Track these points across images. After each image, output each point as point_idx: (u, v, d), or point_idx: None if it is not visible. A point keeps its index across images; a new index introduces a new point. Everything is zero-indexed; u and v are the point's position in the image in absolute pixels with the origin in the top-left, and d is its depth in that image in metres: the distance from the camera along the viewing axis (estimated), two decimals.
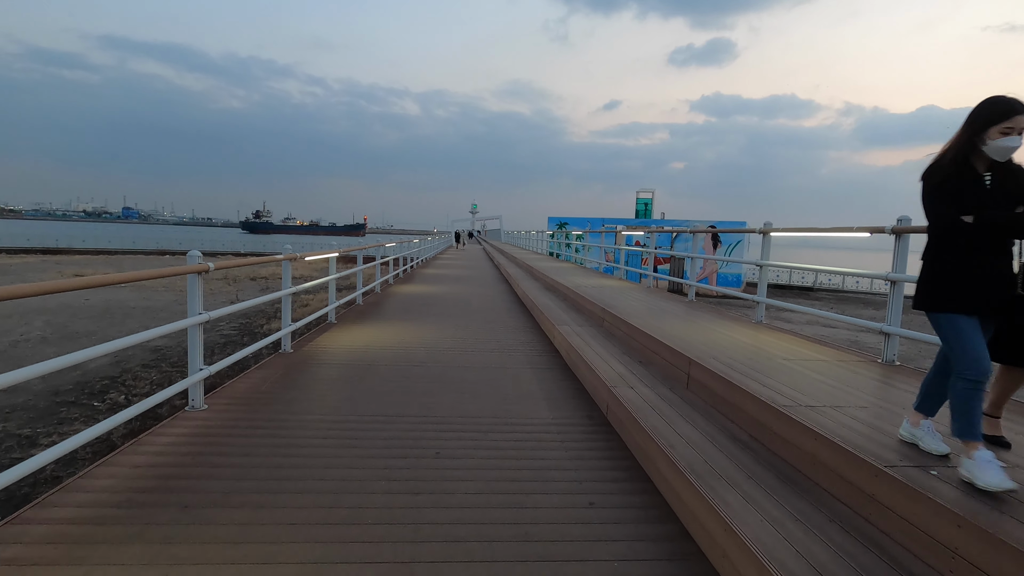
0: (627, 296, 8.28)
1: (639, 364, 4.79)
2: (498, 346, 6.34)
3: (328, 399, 4.19)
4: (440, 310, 8.98)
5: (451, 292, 11.67)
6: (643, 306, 7.07)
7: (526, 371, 5.26)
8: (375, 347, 6.04)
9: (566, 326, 6.53)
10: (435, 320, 7.97)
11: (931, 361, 2.51)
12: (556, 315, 7.39)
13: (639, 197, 44.23)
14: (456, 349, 6.08)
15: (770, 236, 5.78)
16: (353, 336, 6.63)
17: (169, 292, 23.70)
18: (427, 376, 4.94)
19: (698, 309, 7.06)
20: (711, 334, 5.18)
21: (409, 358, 5.58)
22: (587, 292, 8.43)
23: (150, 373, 11.25)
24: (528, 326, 7.75)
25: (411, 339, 6.55)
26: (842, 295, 39.26)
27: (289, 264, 5.57)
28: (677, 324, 5.69)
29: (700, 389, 3.83)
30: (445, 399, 4.28)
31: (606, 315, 6.52)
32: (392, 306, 9.31)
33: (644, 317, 6.04)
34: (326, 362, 5.33)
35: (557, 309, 7.99)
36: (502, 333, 7.14)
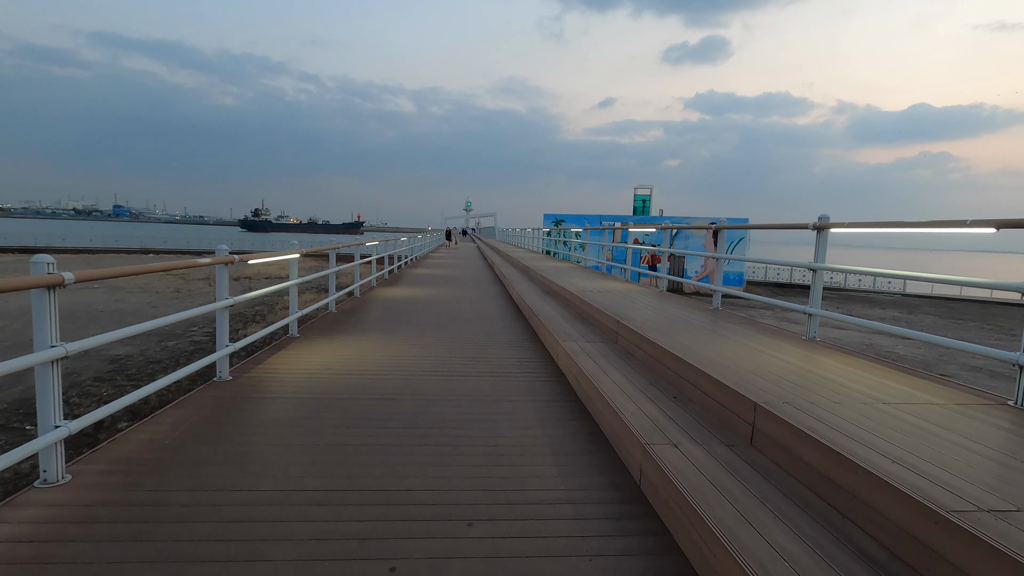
0: (638, 302, 7.16)
1: (674, 401, 3.66)
2: (490, 368, 5.20)
3: (255, 461, 3.04)
4: (425, 319, 7.83)
5: (439, 296, 10.52)
6: (661, 316, 5.96)
7: (525, 406, 4.13)
8: (339, 371, 4.89)
9: (572, 342, 5.41)
10: (417, 332, 6.83)
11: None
12: (559, 326, 6.26)
13: (637, 193, 43.20)
14: (439, 373, 4.94)
15: (827, 233, 4.68)
16: (315, 355, 5.48)
17: (144, 293, 22.44)
18: (398, 417, 3.79)
19: (726, 320, 5.95)
20: (759, 356, 4.06)
21: (379, 388, 4.43)
22: (593, 298, 7.31)
23: (101, 387, 10.07)
24: (526, 339, 6.61)
25: (385, 359, 5.40)
26: (844, 294, 38.36)
27: (225, 269, 4.41)
28: (711, 342, 4.57)
29: (775, 450, 2.70)
30: (418, 457, 3.14)
31: (621, 329, 5.40)
32: (370, 314, 8.16)
33: (669, 332, 4.92)
34: (270, 395, 4.17)
35: (560, 319, 6.86)
36: (495, 350, 6.00)
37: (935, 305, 32.38)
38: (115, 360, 11.91)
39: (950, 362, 15.93)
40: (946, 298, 35.84)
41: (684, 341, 4.55)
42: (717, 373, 3.46)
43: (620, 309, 6.34)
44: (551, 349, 5.82)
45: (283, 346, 5.79)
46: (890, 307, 30.35)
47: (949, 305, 32.55)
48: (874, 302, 32.33)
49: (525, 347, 6.17)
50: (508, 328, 7.32)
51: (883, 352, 16.99)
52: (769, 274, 44.38)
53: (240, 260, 4.61)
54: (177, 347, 13.28)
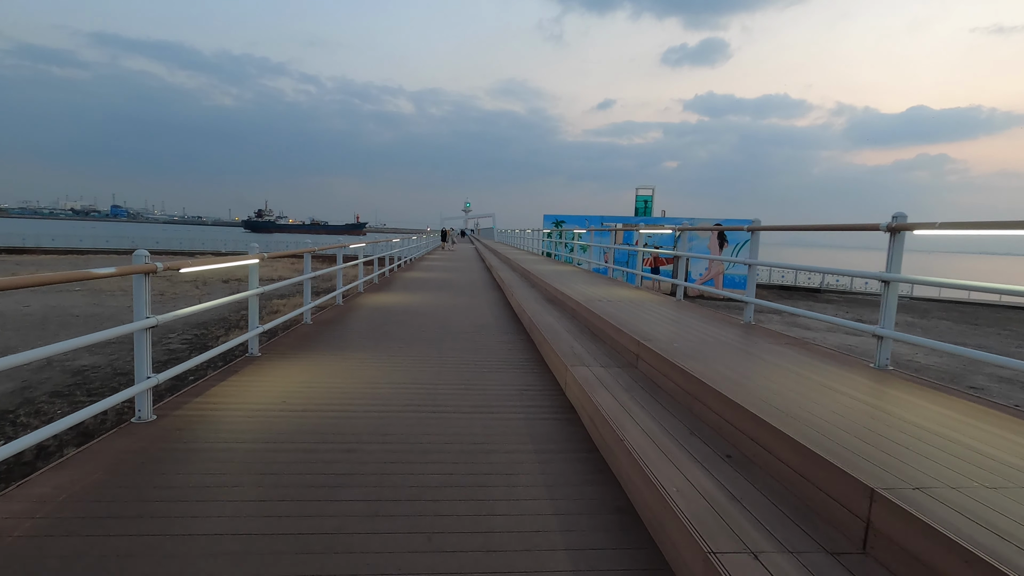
0: (655, 314, 6.22)
1: (729, 463, 2.71)
2: (484, 399, 4.25)
3: (139, 565, 2.09)
4: (412, 332, 6.88)
5: (432, 304, 9.57)
6: (686, 332, 5.02)
7: (527, 459, 3.17)
8: (295, 407, 3.94)
9: (584, 368, 4.46)
10: (401, 350, 5.88)
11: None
12: (566, 345, 5.32)
13: (639, 194, 42.30)
14: (420, 408, 3.99)
15: (903, 236, 3.75)
16: (272, 382, 4.53)
17: (126, 296, 21.47)
18: (358, 479, 2.84)
19: (764, 338, 5.01)
20: (830, 396, 3.12)
21: (341, 433, 3.48)
22: (603, 310, 6.36)
23: (55, 404, 9.11)
24: (528, 359, 5.66)
25: (357, 388, 4.45)
26: (850, 296, 37.44)
27: (144, 280, 3.45)
28: (758, 372, 3.63)
29: (912, 568, 1.76)
30: (373, 553, 2.19)
31: (642, 351, 4.45)
32: (351, 325, 7.21)
33: (702, 357, 3.97)
34: (194, 445, 3.21)
35: (566, 334, 5.91)
36: (491, 374, 5.05)
37: (945, 309, 31.47)
38: (79, 372, 10.95)
39: (976, 372, 15.00)
40: (954, 302, 34.92)
41: (724, 370, 3.61)
42: (792, 429, 2.51)
43: (636, 323, 5.40)
44: (558, 374, 4.87)
45: (236, 369, 4.84)
46: (902, 311, 29.42)
47: (960, 309, 31.64)
48: None
49: (526, 369, 5.22)
50: (507, 344, 6.37)
51: (903, 361, 16.07)
52: (773, 276, 43.50)
53: (168, 268, 3.66)
54: None
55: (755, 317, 5.75)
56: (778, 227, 5.62)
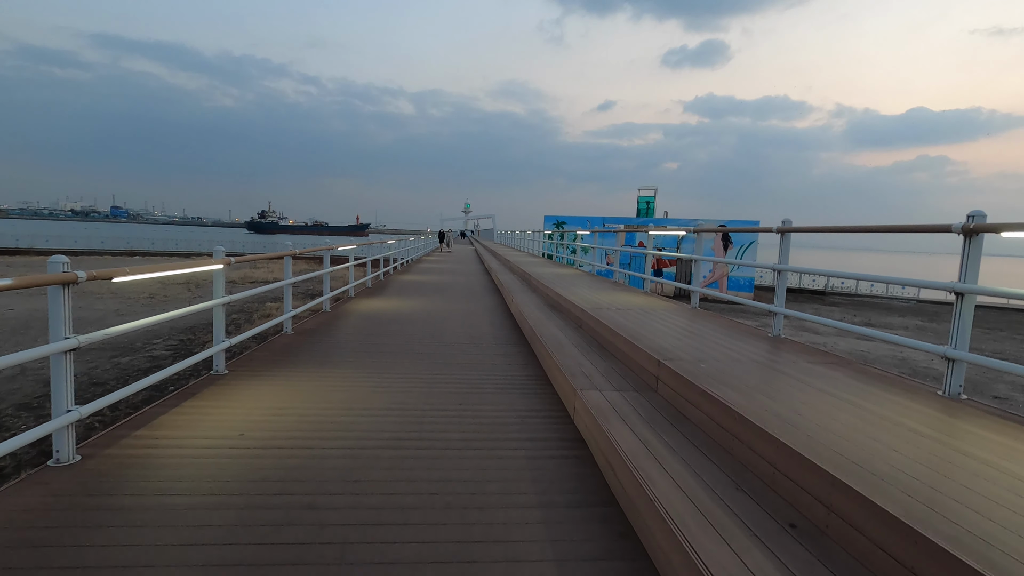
0: (670, 324, 5.60)
1: (794, 536, 2.08)
2: (477, 429, 3.62)
3: None
4: (401, 343, 6.25)
5: (426, 310, 8.95)
6: (710, 348, 4.39)
7: (530, 516, 2.54)
8: (254, 441, 3.31)
9: (595, 391, 3.83)
10: (387, 365, 5.25)
11: None
12: (573, 361, 4.70)
13: (641, 195, 41.69)
14: (401, 444, 3.36)
15: (981, 239, 3.14)
16: (235, 406, 3.90)
17: (114, 299, 20.84)
18: (317, 553, 2.22)
19: (800, 356, 4.38)
20: (904, 439, 2.50)
21: (306, 478, 2.85)
22: (613, 320, 5.74)
23: (21, 418, 8.49)
24: (529, 375, 5.03)
25: (329, 416, 3.82)
26: (858, 300, 36.79)
27: (62, 293, 2.83)
28: (809, 402, 3.01)
29: None
30: None
31: (664, 373, 3.82)
32: (335, 336, 6.58)
33: (738, 383, 3.35)
34: (125, 499, 2.59)
35: (572, 348, 5.28)
36: (486, 395, 4.41)
37: None
38: None
39: (997, 380, 14.36)
40: None
41: (768, 401, 2.98)
42: (885, 497, 1.88)
43: (652, 337, 4.76)
44: (564, 398, 4.24)
45: (195, 391, 4.21)
46: (909, 315, 28.79)
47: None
48: (892, 309, 30.78)
49: (527, 390, 4.59)
50: (506, 358, 5.74)
51: (919, 369, 15.43)
52: None
53: (95, 278, 3.03)
54: (131, 364, 11.68)
55: (762, 320, 5.12)
56: (813, 228, 4.98)
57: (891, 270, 68.31)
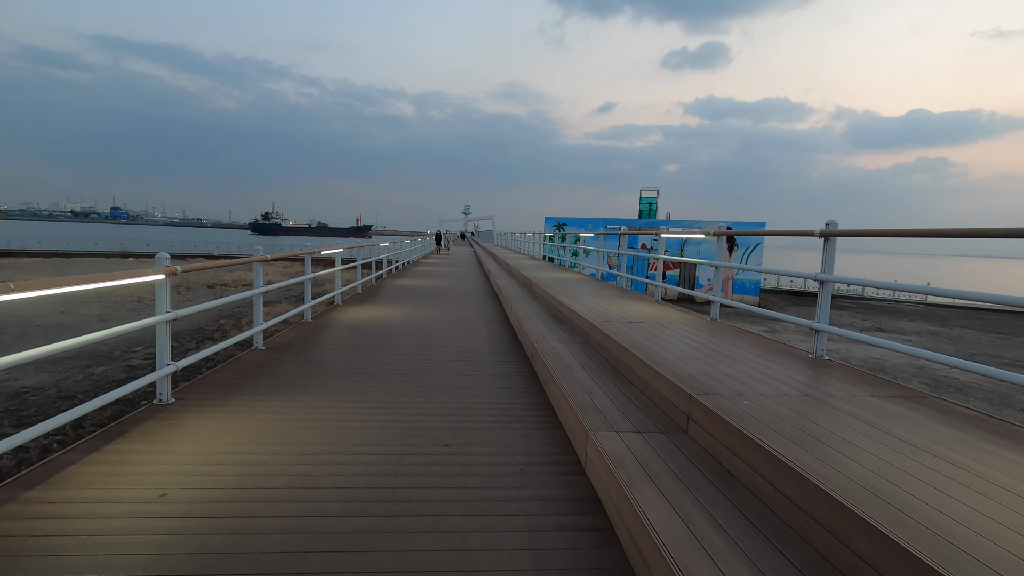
0: (688, 341, 4.87)
1: None
2: (465, 485, 2.88)
3: None
4: (385, 361, 5.51)
5: (417, 320, 8.21)
6: (740, 373, 3.66)
7: None
8: (177, 505, 2.57)
9: (611, 434, 3.10)
10: (365, 390, 4.51)
11: None
12: (580, 387, 3.96)
13: (643, 196, 40.98)
14: (371, 507, 2.61)
15: None
16: (169, 450, 3.16)
17: (100, 304, 20.11)
18: None
19: (849, 381, 3.64)
20: None
21: (235, 565, 2.13)
22: (624, 335, 5.00)
23: None
24: (530, 406, 4.28)
25: (286, 461, 3.07)
26: (866, 303, 35.99)
27: None
28: (900, 461, 2.28)
29: None
30: None
31: (696, 409, 3.09)
32: (311, 353, 5.84)
33: (802, 433, 2.62)
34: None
35: (580, 370, 4.54)
36: (479, 433, 3.66)
37: (966, 316, 30.05)
38: (18, 394, 9.56)
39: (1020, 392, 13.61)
40: (972, 309, 33.47)
41: (851, 464, 2.25)
42: None
43: (675, 359, 4.02)
44: (573, 437, 3.50)
45: (125, 429, 3.46)
46: (919, 319, 28.04)
47: (982, 317, 30.23)
48: (901, 313, 30.03)
49: (528, 423, 3.85)
50: (504, 380, 5.00)
51: (939, 379, 14.69)
52: (782, 282, 42.14)
53: None
54: (106, 374, 10.93)
55: (769, 325, 4.38)
56: (862, 232, 4.24)
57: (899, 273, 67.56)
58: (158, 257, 3.97)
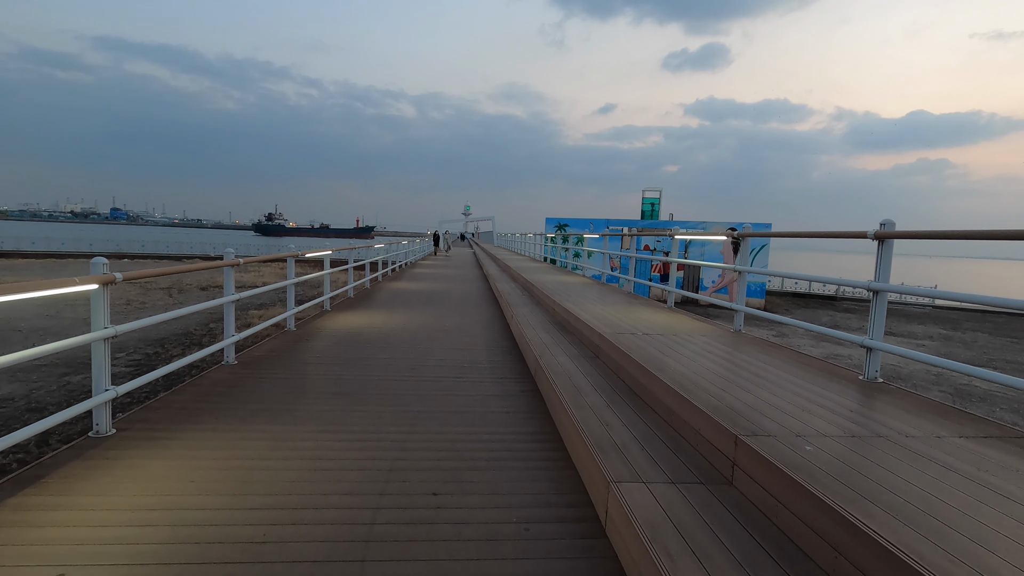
0: (714, 358, 4.25)
1: None
2: (454, 548, 2.26)
3: None
4: (371, 377, 4.88)
5: (410, 328, 7.58)
6: (785, 401, 3.04)
7: None
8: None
9: (639, 485, 2.47)
10: (343, 416, 3.88)
11: None
12: (594, 415, 3.34)
13: (645, 196, 40.37)
14: None
15: None
16: (90, 501, 2.55)
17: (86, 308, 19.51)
18: None
19: (916, 412, 3.02)
20: None
21: None
22: (641, 350, 4.37)
23: None
24: (534, 437, 3.65)
25: (224, 525, 2.45)
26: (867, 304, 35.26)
27: None
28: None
29: None
30: None
31: (743, 455, 2.46)
32: (289, 367, 5.21)
33: (897, 503, 2.00)
34: None
35: (593, 393, 3.92)
36: (473, 476, 3.03)
37: (975, 320, 29.39)
38: None
39: None
40: (981, 311, 32.80)
41: (984, 554, 1.63)
42: None
43: (705, 383, 3.40)
44: (589, 484, 2.86)
45: (43, 474, 2.84)
46: (930, 323, 27.38)
47: (992, 320, 29.57)
48: (910, 316, 29.39)
49: (532, 462, 3.22)
50: (504, 403, 4.37)
51: (959, 387, 14.04)
52: (786, 284, 41.52)
53: None
54: (83, 383, 10.30)
55: (777, 329, 3.76)
56: (920, 234, 3.62)
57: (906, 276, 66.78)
58: (93, 263, 3.36)
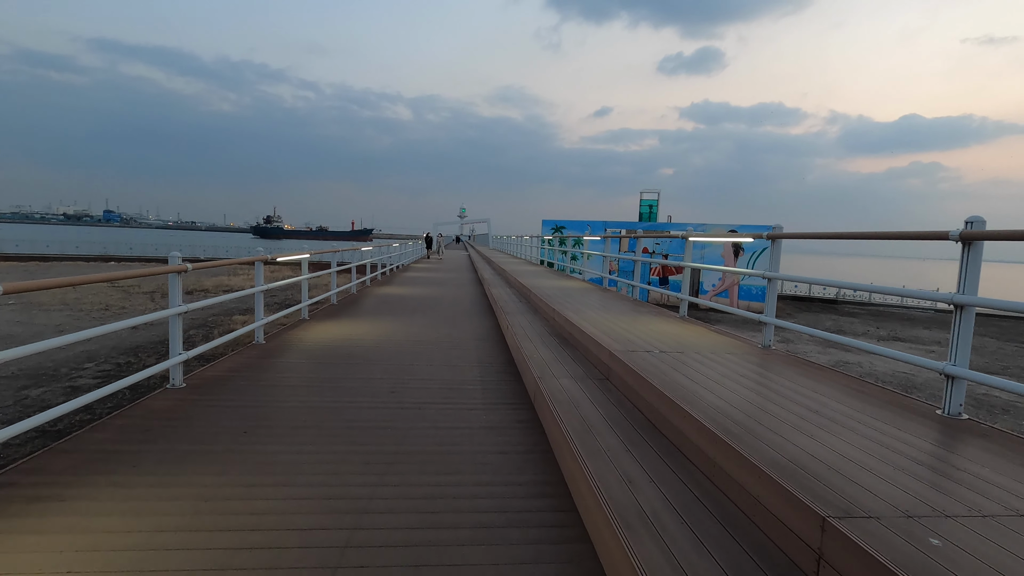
0: (746, 382, 3.51)
1: None
2: None
3: None
4: (341, 406, 4.12)
5: (394, 340, 6.82)
6: (854, 447, 2.31)
7: None
8: None
9: None
10: (302, 455, 3.12)
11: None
12: (613, 469, 2.59)
13: (643, 198, 39.76)
14: None
15: None
16: None
17: (64, 312, 18.62)
18: None
19: (1017, 460, 2.30)
20: None
21: None
22: (660, 375, 3.64)
23: None
24: (538, 493, 2.90)
25: None
26: (874, 309, 34.71)
27: None
28: None
29: None
30: None
31: (842, 553, 1.72)
32: (246, 391, 4.44)
33: None
34: None
35: (607, 432, 3.17)
36: (459, 552, 2.28)
37: (980, 324, 28.79)
38: None
39: None
40: (984, 315, 32.21)
41: None
42: None
43: (758, 428, 2.66)
44: None
45: None
46: (934, 326, 26.77)
47: (996, 324, 29.00)
48: (914, 320, 28.78)
49: (534, 529, 2.46)
50: (497, 439, 3.61)
51: (978, 397, 13.36)
52: (785, 286, 40.92)
53: None
54: (42, 397, 9.48)
55: (782, 334, 3.03)
56: (1016, 234, 2.92)
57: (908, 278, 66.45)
58: None
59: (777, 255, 4.68)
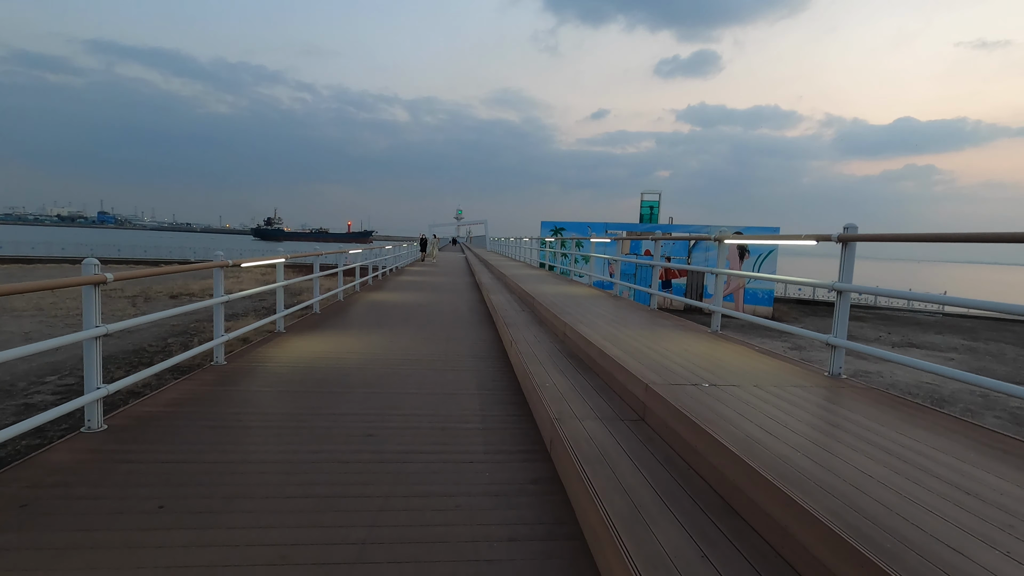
0: (847, 436, 2.59)
1: None
2: None
3: None
4: (301, 456, 3.17)
5: (381, 359, 5.85)
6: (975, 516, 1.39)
7: None
8: None
9: None
10: (228, 548, 2.18)
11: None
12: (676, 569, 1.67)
13: (644, 200, 38.93)
14: None
15: None
16: None
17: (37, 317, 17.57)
18: None
19: None
20: None
21: None
22: (726, 430, 2.70)
23: None
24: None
25: None
26: (882, 313, 33.83)
27: None
28: None
29: None
30: None
31: None
32: (191, 429, 3.48)
33: None
34: None
35: (661, 506, 2.23)
36: None
37: (992, 329, 27.96)
38: None
39: None
40: (994, 319, 31.39)
41: None
42: None
43: (906, 531, 1.74)
44: None
45: None
46: (946, 332, 25.91)
47: (1010, 329, 28.16)
48: (925, 325, 27.92)
49: None
50: (503, 517, 2.66)
51: (1013, 410, 12.46)
52: (789, 290, 40.08)
53: None
54: None
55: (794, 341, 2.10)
56: None
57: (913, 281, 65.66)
58: None
59: (851, 262, 3.74)
